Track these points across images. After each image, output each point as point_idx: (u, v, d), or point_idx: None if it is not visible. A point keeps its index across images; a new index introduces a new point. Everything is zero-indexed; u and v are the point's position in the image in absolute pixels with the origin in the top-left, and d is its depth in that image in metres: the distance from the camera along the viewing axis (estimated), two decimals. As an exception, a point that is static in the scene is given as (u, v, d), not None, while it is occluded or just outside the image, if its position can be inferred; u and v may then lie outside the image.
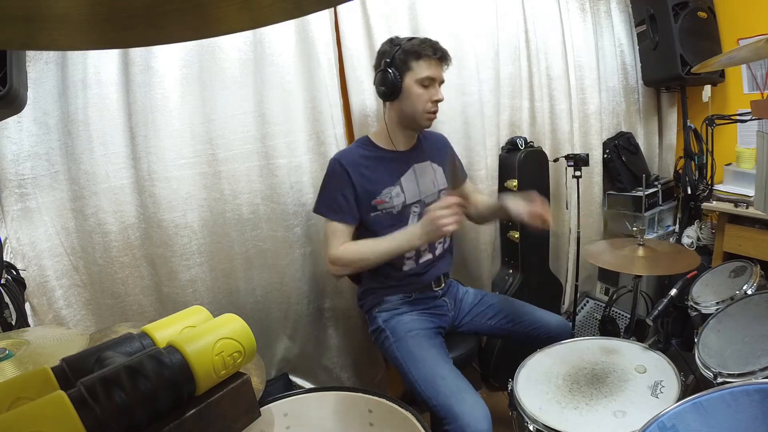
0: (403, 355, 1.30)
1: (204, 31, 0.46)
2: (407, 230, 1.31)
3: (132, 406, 0.49)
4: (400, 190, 1.42)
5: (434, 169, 1.51)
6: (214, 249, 1.55)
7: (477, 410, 1.13)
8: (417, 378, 1.23)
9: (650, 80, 2.28)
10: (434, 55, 1.34)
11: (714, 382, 1.01)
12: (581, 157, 1.89)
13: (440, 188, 1.51)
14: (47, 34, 0.36)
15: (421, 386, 1.22)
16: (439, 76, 1.38)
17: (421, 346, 1.31)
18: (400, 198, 1.41)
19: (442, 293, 1.51)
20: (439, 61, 1.36)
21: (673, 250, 1.57)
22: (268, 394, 1.12)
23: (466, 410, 1.12)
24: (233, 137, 1.52)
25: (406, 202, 1.42)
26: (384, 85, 1.37)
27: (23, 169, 1.30)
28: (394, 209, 1.41)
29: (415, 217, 1.44)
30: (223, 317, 0.64)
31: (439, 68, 1.37)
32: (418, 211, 1.45)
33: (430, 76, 1.35)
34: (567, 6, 2.08)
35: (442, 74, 1.39)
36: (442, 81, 1.40)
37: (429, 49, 1.34)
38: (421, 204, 1.45)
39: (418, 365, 1.25)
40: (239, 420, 0.62)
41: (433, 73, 1.35)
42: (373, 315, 1.45)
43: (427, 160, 1.50)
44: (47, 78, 1.30)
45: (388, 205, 1.40)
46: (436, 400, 1.17)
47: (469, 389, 1.18)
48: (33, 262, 1.33)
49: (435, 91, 1.38)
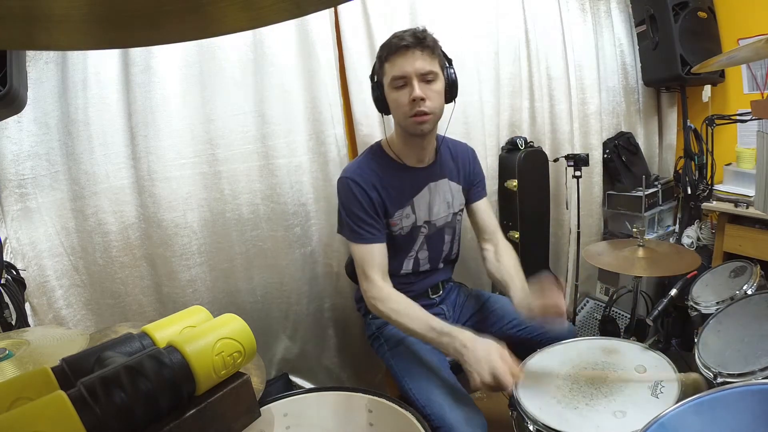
0: (397, 364, 1.27)
1: (204, 31, 0.46)
2: (460, 339, 1.07)
3: (132, 406, 0.49)
4: (411, 211, 1.31)
5: (451, 188, 1.37)
6: (214, 249, 1.55)
7: (473, 420, 1.09)
8: (412, 387, 1.20)
9: (650, 80, 2.28)
10: (400, 45, 1.14)
11: (714, 382, 1.01)
12: (581, 157, 1.89)
13: (455, 210, 1.39)
14: (47, 34, 0.36)
15: (415, 395, 1.18)
16: (410, 71, 1.15)
17: (415, 354, 1.26)
18: (410, 219, 1.31)
19: (440, 300, 1.46)
20: (409, 50, 1.14)
21: (673, 251, 1.56)
22: (268, 394, 1.12)
23: (461, 421, 1.08)
24: (233, 137, 1.52)
25: (416, 223, 1.33)
26: (374, 100, 1.28)
27: (23, 169, 1.30)
28: (402, 230, 1.32)
29: (422, 237, 1.35)
30: (223, 317, 0.64)
31: (408, 60, 1.15)
32: (426, 231, 1.35)
33: (396, 75, 1.17)
34: (567, 6, 2.08)
35: (415, 65, 1.14)
36: (422, 73, 1.16)
37: (394, 42, 1.16)
38: (431, 226, 1.35)
39: (413, 374, 1.22)
40: (239, 420, 0.62)
41: (398, 70, 1.16)
42: (368, 321, 1.43)
43: (444, 177, 1.36)
44: (47, 78, 1.30)
45: (398, 227, 1.31)
46: (430, 410, 1.13)
47: (464, 399, 1.15)
48: (33, 262, 1.33)
49: (410, 89, 1.16)
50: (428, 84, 1.18)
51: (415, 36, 1.15)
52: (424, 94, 1.17)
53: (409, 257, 1.37)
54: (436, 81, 1.20)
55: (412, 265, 1.39)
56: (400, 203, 1.29)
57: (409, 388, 1.21)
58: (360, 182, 1.25)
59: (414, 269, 1.39)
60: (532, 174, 1.94)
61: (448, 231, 1.41)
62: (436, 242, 1.39)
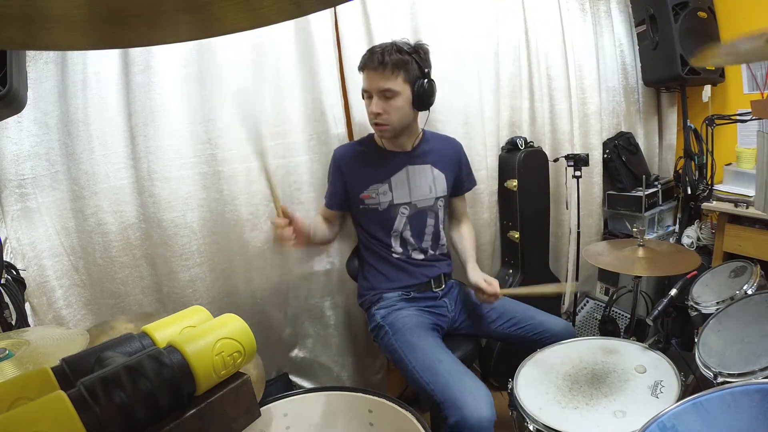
0: (401, 346, 1.30)
1: (204, 31, 0.46)
2: None
3: (132, 406, 0.49)
4: (388, 188, 1.45)
5: (434, 175, 1.51)
6: (214, 249, 1.55)
7: (477, 391, 1.09)
8: (415, 365, 1.23)
9: (650, 80, 2.28)
10: (368, 64, 1.32)
11: (714, 382, 1.01)
12: (581, 157, 1.89)
13: (438, 195, 1.51)
14: (47, 34, 0.36)
15: (419, 372, 1.20)
16: (373, 86, 1.33)
17: (419, 335, 1.31)
18: (387, 196, 1.44)
19: (443, 294, 1.51)
20: (372, 70, 1.32)
21: (673, 251, 1.57)
22: (268, 394, 1.12)
23: (466, 392, 1.08)
24: (233, 137, 1.52)
25: (393, 202, 1.45)
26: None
27: (23, 169, 1.30)
28: (379, 206, 1.45)
29: (403, 218, 1.46)
30: (223, 317, 0.64)
31: (372, 78, 1.33)
32: (407, 212, 1.47)
33: (363, 88, 1.37)
34: (567, 6, 2.08)
35: (376, 84, 1.32)
36: (381, 91, 1.32)
37: (364, 57, 1.35)
38: (411, 206, 1.47)
39: (416, 353, 1.25)
40: (239, 420, 0.62)
41: (365, 85, 1.36)
42: (372, 312, 1.46)
43: (427, 163, 1.50)
44: (47, 78, 1.30)
45: (374, 201, 1.44)
46: (434, 385, 1.15)
47: (467, 372, 1.17)
48: (33, 262, 1.33)
49: (370, 103, 1.36)
50: (387, 100, 1.34)
51: (381, 55, 1.30)
52: (382, 109, 1.34)
53: (394, 235, 1.48)
54: (396, 97, 1.34)
55: (400, 244, 1.49)
56: (377, 179, 1.45)
57: (412, 366, 1.24)
58: (337, 156, 1.49)
59: (404, 251, 1.49)
60: (532, 174, 1.94)
61: (431, 215, 1.52)
62: (418, 223, 1.50)
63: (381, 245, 1.49)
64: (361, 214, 1.48)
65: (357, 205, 1.47)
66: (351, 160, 1.47)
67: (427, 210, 1.50)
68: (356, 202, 1.46)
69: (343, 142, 1.66)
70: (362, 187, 1.45)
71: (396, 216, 1.46)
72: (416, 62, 1.34)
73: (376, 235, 1.49)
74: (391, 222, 1.46)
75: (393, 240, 1.48)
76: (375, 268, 1.50)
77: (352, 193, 1.46)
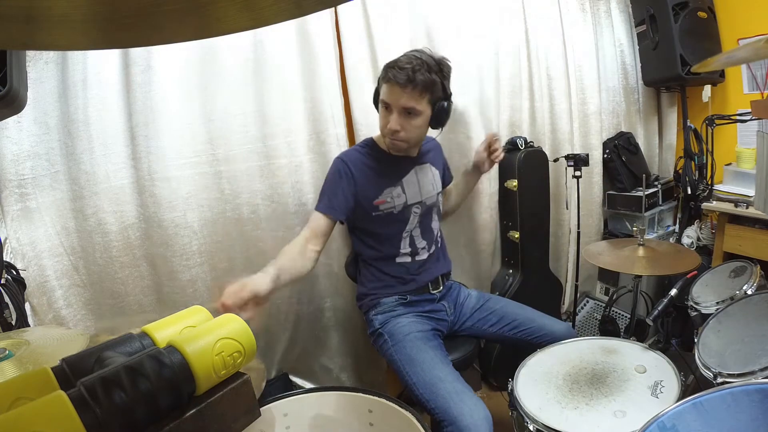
0: (401, 359, 1.29)
1: (204, 31, 0.46)
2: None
3: (132, 406, 0.49)
4: (401, 190, 1.42)
5: (433, 173, 1.53)
6: (215, 249, 1.55)
7: (476, 412, 1.10)
8: (415, 381, 1.22)
9: (650, 80, 2.28)
10: (393, 79, 1.25)
11: (714, 382, 1.01)
12: (581, 157, 1.89)
13: (438, 191, 1.53)
14: (47, 34, 0.36)
15: (419, 389, 1.20)
16: (396, 103, 1.27)
17: (419, 348, 1.29)
18: (401, 198, 1.42)
19: (440, 296, 1.49)
20: (399, 86, 1.25)
21: (673, 250, 1.57)
22: (268, 394, 1.12)
23: (465, 412, 1.10)
24: (233, 137, 1.52)
25: (407, 203, 1.43)
26: (374, 103, 1.40)
27: (23, 169, 1.30)
28: (395, 209, 1.41)
29: (416, 218, 1.45)
30: (223, 317, 0.64)
31: (398, 94, 1.26)
32: (419, 211, 1.45)
33: (384, 100, 1.30)
34: (567, 6, 2.08)
35: (401, 101, 1.26)
36: (405, 108, 1.28)
37: (390, 72, 1.26)
38: (422, 205, 1.46)
39: (416, 368, 1.24)
40: (239, 420, 0.62)
41: (387, 98, 1.29)
42: (370, 317, 1.44)
43: (427, 163, 1.52)
44: (47, 78, 1.31)
45: (389, 205, 1.40)
46: (434, 403, 1.15)
47: (468, 392, 1.16)
48: (33, 262, 1.33)
49: (390, 119, 1.30)
50: (408, 117, 1.30)
51: (412, 73, 1.24)
52: (401, 126, 1.30)
53: (405, 236, 1.45)
54: (418, 116, 1.31)
55: (409, 244, 1.45)
56: (390, 182, 1.41)
57: (412, 383, 1.23)
58: (349, 163, 1.39)
59: (412, 251, 1.45)
60: (532, 174, 1.94)
61: (435, 210, 1.53)
62: (427, 222, 1.49)
63: (389, 247, 1.44)
64: (376, 221, 1.41)
65: (369, 212, 1.39)
66: (363, 166, 1.40)
67: (432, 207, 1.50)
68: (368, 209, 1.39)
69: (342, 141, 1.66)
70: (376, 194, 1.39)
71: (409, 216, 1.44)
72: (441, 83, 1.31)
73: (385, 239, 1.43)
74: (404, 224, 1.43)
75: (402, 242, 1.44)
76: (374, 271, 1.46)
77: (365, 201, 1.38)
